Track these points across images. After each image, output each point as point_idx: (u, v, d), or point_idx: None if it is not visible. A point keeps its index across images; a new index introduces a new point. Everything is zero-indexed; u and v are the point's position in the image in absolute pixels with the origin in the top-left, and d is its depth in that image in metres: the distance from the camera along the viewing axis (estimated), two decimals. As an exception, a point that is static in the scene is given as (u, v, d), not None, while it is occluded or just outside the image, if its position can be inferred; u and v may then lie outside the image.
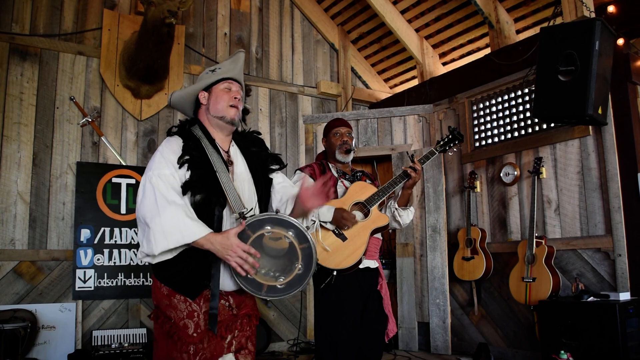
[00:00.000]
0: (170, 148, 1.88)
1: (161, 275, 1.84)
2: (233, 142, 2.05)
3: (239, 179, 1.93)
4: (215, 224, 1.83)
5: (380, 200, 2.69)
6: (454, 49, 5.66)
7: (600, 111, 3.49)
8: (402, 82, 6.42)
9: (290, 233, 1.84)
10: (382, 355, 2.91)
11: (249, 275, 1.78)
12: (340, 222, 2.59)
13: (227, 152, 1.99)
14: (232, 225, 1.89)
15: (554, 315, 3.63)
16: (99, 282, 4.37)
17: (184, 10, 4.38)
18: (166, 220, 1.71)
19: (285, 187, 2.09)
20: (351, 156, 2.87)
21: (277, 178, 2.10)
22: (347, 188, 2.77)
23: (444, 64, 5.84)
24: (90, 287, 4.34)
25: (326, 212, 2.60)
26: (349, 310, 2.62)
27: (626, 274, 3.68)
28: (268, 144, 5.55)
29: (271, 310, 5.24)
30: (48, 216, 4.35)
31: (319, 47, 6.19)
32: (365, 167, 3.06)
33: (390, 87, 6.58)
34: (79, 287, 4.30)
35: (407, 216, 2.82)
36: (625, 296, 3.52)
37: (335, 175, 2.82)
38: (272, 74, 5.75)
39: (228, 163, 1.94)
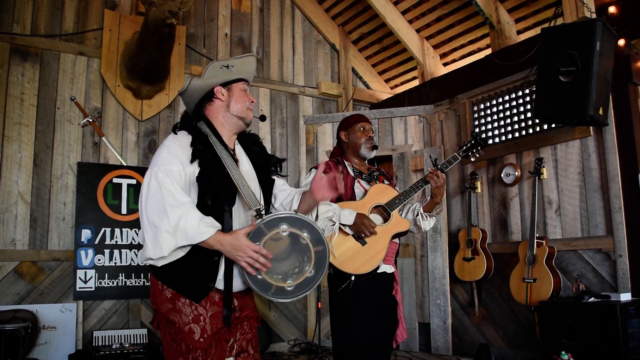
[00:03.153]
0: (178, 143, 1.81)
1: (164, 276, 1.76)
2: (237, 141, 2.02)
3: (245, 177, 1.88)
4: (224, 222, 1.78)
5: (402, 205, 2.63)
6: (455, 49, 5.66)
7: (601, 112, 3.49)
8: (402, 83, 6.42)
9: (306, 234, 1.79)
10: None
11: (259, 276, 1.73)
12: (360, 229, 2.52)
13: (233, 150, 1.96)
14: (244, 222, 1.87)
15: (554, 315, 3.63)
16: (100, 283, 4.37)
17: (184, 11, 4.38)
18: (174, 220, 1.65)
19: (286, 190, 2.09)
20: (374, 153, 2.80)
21: (279, 181, 2.10)
22: (364, 189, 2.69)
23: (445, 64, 5.84)
24: (91, 288, 4.34)
25: (348, 216, 2.54)
26: (366, 313, 2.57)
27: (627, 274, 3.68)
28: (269, 145, 5.56)
29: (272, 310, 5.25)
30: (49, 216, 4.36)
31: (320, 48, 6.19)
32: (371, 164, 2.98)
33: (391, 88, 6.58)
34: (79, 288, 4.30)
35: (428, 224, 2.76)
36: (626, 297, 3.52)
37: (352, 174, 2.73)
38: (272, 75, 5.75)
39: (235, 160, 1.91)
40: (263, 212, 1.80)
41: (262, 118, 2.10)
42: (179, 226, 1.65)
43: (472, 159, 2.77)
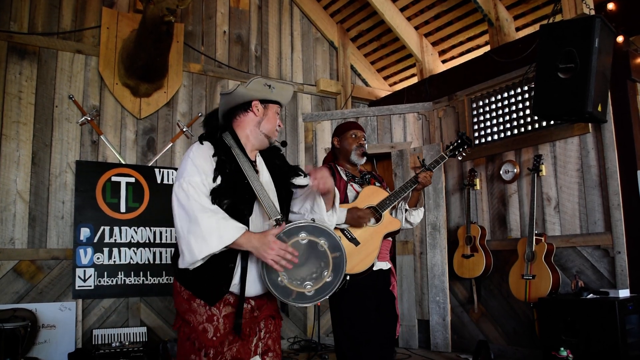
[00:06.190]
0: (201, 154, 1.89)
1: (183, 278, 1.87)
2: (258, 153, 2.08)
3: (265, 188, 1.96)
4: None
5: (392, 205, 2.70)
6: (454, 46, 5.66)
7: (599, 109, 3.50)
8: (401, 80, 6.42)
9: (323, 241, 1.87)
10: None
11: (280, 283, 1.81)
12: (357, 221, 2.59)
13: (254, 161, 2.03)
14: (261, 231, 1.92)
15: (553, 312, 3.64)
16: (99, 281, 4.37)
17: (183, 8, 4.38)
18: (204, 226, 1.73)
19: (297, 199, 2.13)
20: (364, 160, 2.89)
21: (297, 192, 2.14)
22: (357, 192, 2.76)
23: (444, 61, 5.83)
24: (90, 286, 4.34)
25: (339, 214, 2.56)
26: (366, 310, 2.62)
27: (625, 271, 3.69)
28: (267, 142, 5.55)
29: (271, 308, 5.24)
30: (47, 215, 4.35)
31: (318, 45, 6.18)
32: (365, 166, 3.04)
33: (390, 85, 6.57)
34: (78, 286, 4.29)
35: (417, 216, 2.85)
36: (624, 293, 3.53)
37: (345, 178, 2.81)
38: (271, 72, 5.74)
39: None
40: (282, 222, 1.87)
41: (284, 144, 2.19)
42: (210, 230, 1.73)
43: (459, 158, 2.87)
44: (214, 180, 1.85)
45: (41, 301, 4.17)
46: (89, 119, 4.54)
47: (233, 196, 1.85)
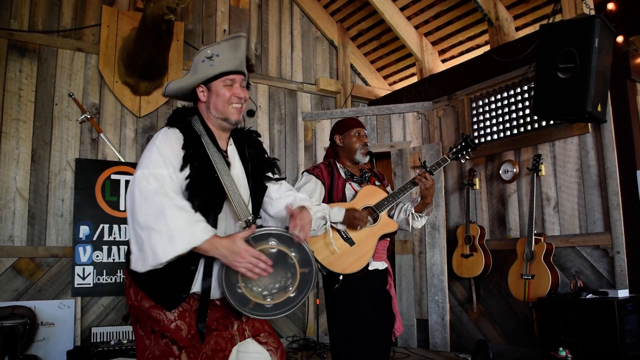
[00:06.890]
0: (169, 144, 1.69)
1: (137, 279, 1.66)
2: (231, 141, 1.88)
3: (237, 183, 1.76)
4: None
5: (390, 206, 2.67)
6: (454, 46, 5.66)
7: (599, 108, 3.50)
8: (401, 79, 6.42)
9: (294, 254, 1.70)
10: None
11: (238, 290, 1.65)
12: (353, 222, 2.56)
13: (225, 151, 1.83)
14: (231, 230, 1.77)
15: (552, 312, 3.63)
16: (98, 279, 4.37)
17: (183, 7, 4.36)
18: (172, 225, 1.53)
19: (282, 198, 1.93)
20: (368, 158, 2.86)
21: (275, 187, 1.95)
22: (355, 191, 2.73)
23: (444, 61, 5.83)
24: (89, 284, 4.34)
25: (337, 213, 2.56)
26: (362, 308, 2.61)
27: (625, 271, 3.69)
28: (267, 141, 5.55)
29: (270, 307, 5.24)
30: (47, 213, 4.35)
31: (318, 44, 6.18)
32: (365, 164, 3.03)
33: (390, 84, 6.57)
34: (77, 284, 4.29)
35: (420, 223, 2.81)
36: (623, 293, 3.53)
37: (344, 177, 2.78)
38: (271, 71, 5.74)
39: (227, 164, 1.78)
40: (253, 223, 1.72)
41: (250, 114, 1.98)
42: (178, 229, 1.54)
43: (462, 161, 2.82)
44: (182, 171, 1.67)
45: (40, 299, 4.17)
46: (89, 117, 4.52)
47: (203, 193, 1.66)
